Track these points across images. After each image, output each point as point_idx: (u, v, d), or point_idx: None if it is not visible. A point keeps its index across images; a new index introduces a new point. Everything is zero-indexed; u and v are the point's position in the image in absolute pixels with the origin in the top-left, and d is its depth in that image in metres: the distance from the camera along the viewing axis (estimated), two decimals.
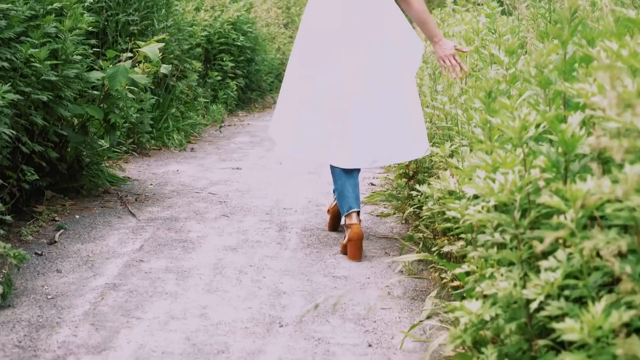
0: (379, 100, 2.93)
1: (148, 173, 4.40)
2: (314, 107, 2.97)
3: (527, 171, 1.53)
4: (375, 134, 2.93)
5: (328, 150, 2.96)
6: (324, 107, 2.95)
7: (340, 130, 2.93)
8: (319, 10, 3.00)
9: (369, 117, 2.93)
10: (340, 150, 2.93)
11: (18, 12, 2.85)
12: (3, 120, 2.52)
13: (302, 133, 3.00)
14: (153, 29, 5.20)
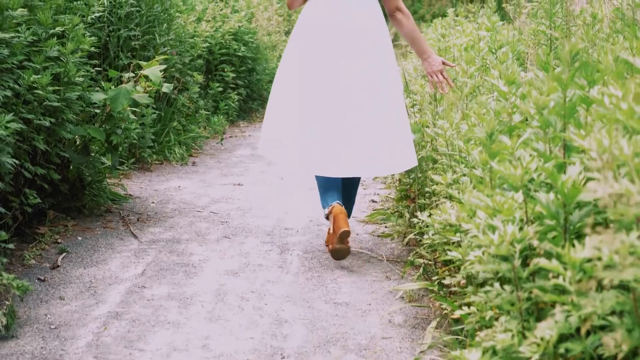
0: (367, 114, 3.05)
1: (150, 190, 4.41)
2: (302, 119, 3.08)
3: (527, 220, 1.55)
4: (362, 146, 3.04)
5: (314, 160, 3.07)
6: (312, 119, 3.06)
7: (327, 141, 3.04)
8: (310, 26, 3.11)
9: (357, 130, 3.05)
10: (325, 160, 3.05)
11: (20, 38, 2.86)
12: (6, 150, 2.53)
13: (290, 143, 3.11)
14: (154, 43, 5.21)
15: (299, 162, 3.12)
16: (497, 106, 2.52)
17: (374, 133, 3.06)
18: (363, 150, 3.06)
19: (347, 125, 3.05)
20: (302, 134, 3.08)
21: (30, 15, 3.19)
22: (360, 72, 3.07)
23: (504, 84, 2.58)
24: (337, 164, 3.05)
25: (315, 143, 3.06)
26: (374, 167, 3.13)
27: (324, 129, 3.05)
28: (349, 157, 3.05)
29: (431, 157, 3.22)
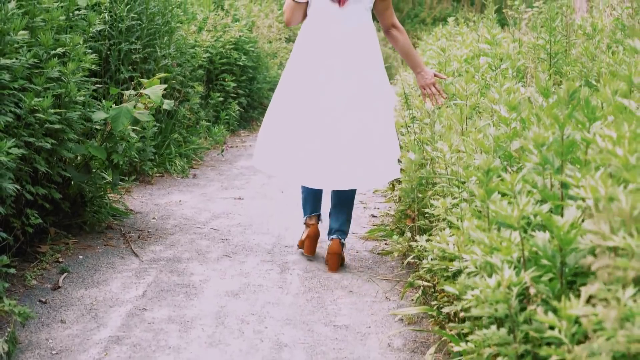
0: (357, 130, 3.22)
1: (151, 204, 4.42)
2: (293, 132, 3.25)
3: (524, 261, 1.56)
4: (350, 161, 3.21)
5: (304, 171, 3.25)
6: (303, 132, 3.23)
7: (316, 154, 3.21)
8: (307, 44, 3.28)
9: (346, 145, 3.21)
10: (314, 172, 3.22)
11: (22, 60, 2.88)
12: (7, 175, 2.55)
13: (282, 154, 3.29)
14: (155, 55, 5.23)
15: (287, 171, 3.31)
16: (497, 132, 2.53)
17: (362, 149, 3.23)
18: (351, 164, 3.22)
19: (336, 140, 3.21)
20: (293, 146, 3.25)
21: (32, 37, 3.20)
22: (352, 89, 3.23)
23: (504, 110, 2.60)
24: (324, 176, 3.23)
25: (304, 155, 3.23)
26: (359, 181, 3.30)
27: (314, 142, 3.21)
28: (337, 171, 3.22)
29: (431, 177, 3.24)
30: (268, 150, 3.35)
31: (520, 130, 2.61)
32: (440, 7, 19.02)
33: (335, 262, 3.33)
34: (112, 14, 4.84)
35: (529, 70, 4.47)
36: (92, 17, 3.79)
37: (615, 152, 1.45)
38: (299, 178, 3.29)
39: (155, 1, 5.29)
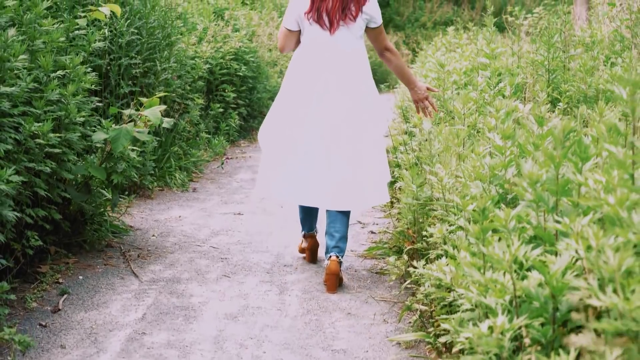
0: (348, 152, 3.39)
1: (150, 220, 4.44)
2: (291, 154, 3.42)
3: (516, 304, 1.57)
4: (343, 181, 3.38)
5: (299, 191, 3.42)
6: (299, 153, 3.40)
7: (311, 175, 3.39)
8: (301, 69, 3.46)
9: (338, 165, 3.38)
10: (307, 190, 3.40)
11: (22, 86, 2.89)
12: (7, 203, 2.57)
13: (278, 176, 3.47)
14: (155, 69, 5.25)
15: (282, 192, 3.49)
16: (493, 161, 2.55)
17: (354, 171, 3.40)
18: (344, 185, 3.38)
19: (329, 161, 3.39)
20: (287, 167, 3.43)
21: (31, 60, 3.22)
22: (344, 111, 3.40)
23: (499, 139, 2.61)
24: (319, 196, 3.40)
25: (298, 175, 3.41)
26: (351, 202, 3.44)
27: (307, 163, 3.40)
28: (330, 191, 3.38)
29: (429, 199, 3.25)
30: (268, 175, 3.54)
31: (516, 157, 2.63)
32: (441, 10, 19.04)
33: (333, 283, 3.37)
34: (112, 29, 4.86)
35: (528, 86, 4.49)
36: (91, 36, 3.82)
37: (607, 200, 1.46)
38: (294, 197, 3.47)
39: (155, 15, 5.31)
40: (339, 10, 3.37)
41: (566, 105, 4.00)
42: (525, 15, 12.58)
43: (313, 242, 3.76)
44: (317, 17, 3.39)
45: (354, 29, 3.41)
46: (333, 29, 3.39)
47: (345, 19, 3.38)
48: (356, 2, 3.40)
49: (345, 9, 3.38)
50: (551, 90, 4.33)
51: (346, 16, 3.38)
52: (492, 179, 2.53)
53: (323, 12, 3.39)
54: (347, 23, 3.39)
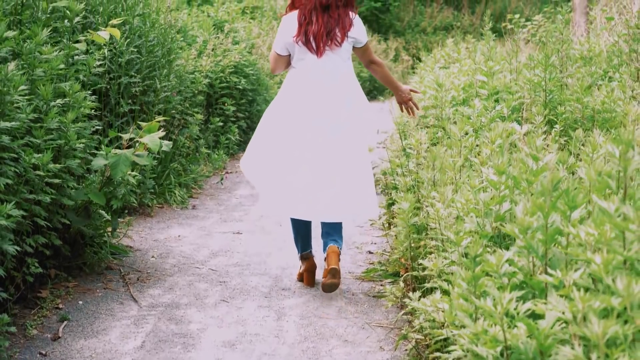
0: (338, 167, 3.59)
1: (150, 240, 4.47)
2: (280, 169, 3.60)
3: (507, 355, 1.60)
4: (332, 195, 3.57)
5: (291, 205, 3.61)
6: (289, 169, 3.59)
7: (301, 189, 3.57)
8: (292, 90, 3.65)
9: (328, 180, 3.58)
10: (300, 205, 3.59)
11: (22, 118, 2.93)
12: (7, 237, 2.60)
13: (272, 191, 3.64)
14: (155, 87, 5.28)
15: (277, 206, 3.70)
16: (487, 196, 2.58)
17: (342, 185, 3.59)
18: (334, 198, 3.58)
19: (320, 175, 3.58)
20: (280, 182, 3.61)
21: (31, 88, 3.26)
22: (334, 130, 3.60)
23: (493, 173, 2.64)
24: (310, 209, 3.59)
25: (290, 189, 3.58)
26: (341, 214, 3.67)
27: (299, 177, 3.57)
28: (321, 204, 3.57)
29: (424, 227, 3.28)
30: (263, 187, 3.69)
31: (511, 190, 2.66)
32: (441, 15, 19.03)
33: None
34: (111, 48, 4.90)
35: (525, 105, 4.51)
36: (91, 60, 3.85)
37: (594, 259, 1.49)
38: (287, 210, 3.68)
39: (154, 32, 5.34)
40: (324, 34, 3.56)
41: (562, 127, 4.03)
42: (524, 23, 12.60)
43: (310, 264, 3.78)
44: (304, 40, 3.58)
45: (340, 52, 3.61)
46: (320, 53, 3.58)
47: (331, 45, 3.58)
48: (341, 28, 3.59)
49: (331, 33, 3.57)
50: (548, 112, 4.35)
51: (332, 41, 3.57)
52: (487, 213, 2.56)
53: (310, 36, 3.57)
54: (332, 48, 3.58)
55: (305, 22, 3.58)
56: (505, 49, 10.58)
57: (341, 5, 3.60)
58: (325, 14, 3.56)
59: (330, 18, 3.56)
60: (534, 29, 12.38)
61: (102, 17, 4.87)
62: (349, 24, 3.60)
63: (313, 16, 3.55)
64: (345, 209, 3.64)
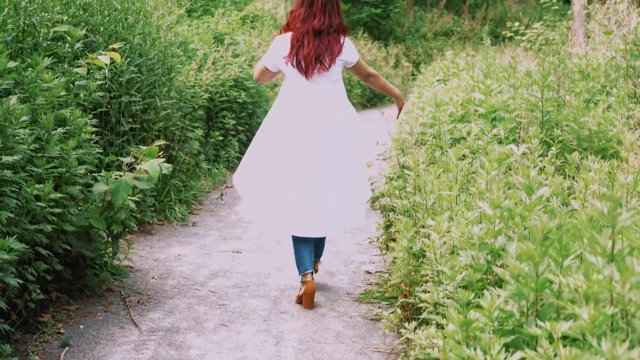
0: (330, 182, 3.81)
1: (150, 260, 4.52)
2: (275, 184, 3.80)
3: None
4: (325, 210, 3.81)
5: (287, 221, 3.80)
6: (284, 185, 3.79)
7: (296, 205, 3.77)
8: (284, 108, 3.86)
9: (321, 196, 3.79)
10: (296, 221, 3.77)
11: (23, 148, 2.97)
12: (9, 270, 2.64)
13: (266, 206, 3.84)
14: (155, 104, 5.32)
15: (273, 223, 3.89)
16: (481, 231, 2.62)
17: (331, 201, 3.82)
18: (323, 214, 3.81)
19: (309, 193, 3.78)
20: (275, 200, 3.81)
21: (33, 117, 3.30)
22: (323, 147, 3.81)
23: (488, 207, 2.68)
24: (303, 225, 3.78)
25: (286, 208, 3.79)
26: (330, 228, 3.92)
27: (288, 194, 3.78)
28: (313, 220, 3.79)
29: (421, 253, 3.32)
30: (254, 201, 3.91)
31: (506, 221, 2.70)
32: (442, 21, 19.09)
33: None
34: (112, 67, 4.94)
35: (523, 126, 4.55)
36: (92, 84, 3.89)
37: (582, 315, 1.53)
38: (281, 227, 3.87)
39: (155, 50, 5.38)
40: (313, 58, 3.78)
41: (559, 150, 4.06)
42: (523, 30, 12.64)
43: (309, 286, 3.80)
44: (295, 62, 3.79)
45: (329, 74, 3.83)
46: (309, 75, 3.80)
47: (319, 69, 3.80)
48: (330, 54, 3.81)
49: (320, 57, 3.79)
50: (545, 133, 4.39)
51: (320, 65, 3.79)
52: (481, 247, 2.60)
53: (300, 58, 3.78)
54: (320, 72, 3.81)
55: (297, 44, 3.80)
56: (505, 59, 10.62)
57: (332, 32, 3.83)
58: (316, 39, 3.79)
59: (320, 43, 3.78)
60: (533, 36, 12.43)
61: (102, 37, 4.91)
62: (338, 50, 3.83)
63: (305, 40, 3.78)
64: (333, 224, 3.89)
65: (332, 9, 3.83)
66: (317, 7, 3.79)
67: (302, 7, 3.82)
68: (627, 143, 3.42)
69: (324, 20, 3.79)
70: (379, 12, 16.57)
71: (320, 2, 3.80)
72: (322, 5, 3.80)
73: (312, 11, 3.80)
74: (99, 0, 5.00)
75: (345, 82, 12.03)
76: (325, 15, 3.80)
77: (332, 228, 3.95)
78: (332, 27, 3.81)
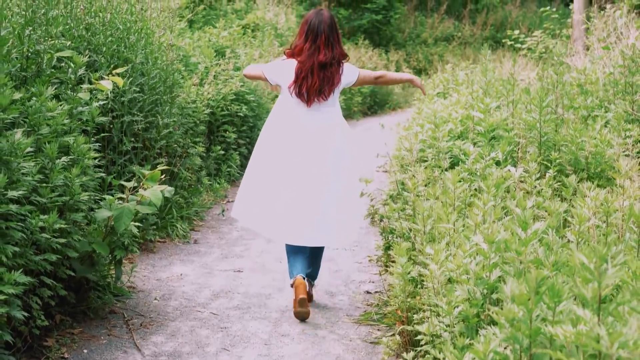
0: (325, 196, 4.00)
1: (153, 280, 4.57)
2: (274, 195, 4.01)
3: None
4: (318, 221, 4.00)
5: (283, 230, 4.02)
6: (282, 196, 4.00)
7: (292, 215, 3.98)
8: (281, 123, 4.07)
9: (315, 208, 3.98)
10: (291, 230, 3.99)
11: (28, 180, 3.02)
12: (16, 303, 2.69)
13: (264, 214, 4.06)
14: (157, 123, 5.38)
15: (271, 231, 4.10)
16: (477, 267, 2.67)
17: (328, 214, 4.01)
18: (319, 225, 4.00)
19: (307, 204, 3.98)
20: (271, 207, 4.02)
21: (37, 147, 3.35)
22: (322, 170, 4.00)
23: (483, 241, 2.73)
24: (298, 234, 3.98)
25: (283, 218, 3.99)
26: (325, 240, 4.10)
27: (290, 208, 3.98)
28: (307, 230, 3.98)
29: (420, 278, 3.37)
30: (249, 207, 4.12)
31: (502, 256, 2.75)
32: (442, 26, 19.13)
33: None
34: (114, 88, 4.99)
35: (521, 146, 4.60)
36: (94, 110, 3.94)
37: None
38: (276, 235, 4.10)
39: (156, 68, 5.43)
40: (317, 90, 3.98)
41: (556, 173, 4.11)
42: (524, 38, 12.68)
43: (301, 280, 3.95)
44: (297, 92, 4.00)
45: (328, 100, 4.04)
46: (310, 103, 4.01)
47: (319, 100, 4.01)
48: (329, 86, 4.01)
49: (322, 89, 3.99)
50: (543, 153, 4.44)
51: (320, 96, 4.00)
52: (477, 282, 2.65)
53: (304, 89, 3.98)
54: (320, 102, 4.02)
55: (302, 76, 3.98)
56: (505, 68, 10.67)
57: (335, 63, 4.02)
58: (321, 72, 3.96)
59: (324, 76, 3.97)
60: (533, 44, 12.47)
61: (105, 57, 4.96)
62: (338, 80, 4.03)
63: (310, 73, 3.96)
64: (325, 237, 4.05)
65: (334, 41, 3.99)
66: (320, 40, 3.95)
67: (306, 42, 3.97)
68: (623, 170, 3.46)
69: (328, 54, 3.96)
70: (380, 19, 16.62)
71: (324, 36, 3.95)
72: (325, 39, 3.95)
73: (316, 45, 3.95)
74: (101, 20, 5.06)
75: (345, 90, 12.08)
76: (328, 48, 3.96)
77: (323, 240, 4.08)
78: (334, 58, 3.99)
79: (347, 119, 11.91)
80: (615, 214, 3.19)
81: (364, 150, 7.09)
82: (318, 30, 3.96)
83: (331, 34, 3.97)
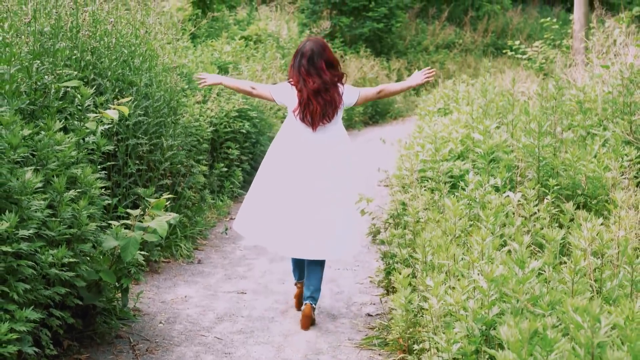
0: (326, 209, 4.22)
1: (157, 302, 4.65)
2: (276, 209, 4.25)
3: None
4: (319, 235, 4.21)
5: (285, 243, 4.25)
6: (284, 210, 4.23)
7: (294, 229, 4.21)
8: (286, 143, 4.32)
9: (316, 222, 4.21)
10: (292, 244, 4.23)
11: (37, 216, 3.10)
12: (27, 339, 2.78)
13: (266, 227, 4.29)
14: (161, 144, 5.46)
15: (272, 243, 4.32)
16: (475, 304, 2.75)
17: (328, 228, 4.22)
18: (319, 239, 4.21)
19: (308, 221, 4.20)
20: (275, 223, 4.25)
21: (45, 180, 3.43)
22: (323, 179, 4.23)
23: (484, 280, 2.81)
24: (298, 247, 4.22)
25: (284, 231, 4.22)
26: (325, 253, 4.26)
27: (292, 221, 4.21)
28: (307, 243, 4.20)
29: (420, 309, 3.44)
30: (251, 220, 4.35)
31: (500, 292, 2.83)
32: (443, 33, 19.20)
33: (307, 323, 4.27)
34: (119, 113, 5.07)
35: (520, 170, 4.67)
36: (101, 141, 4.02)
37: None
38: (277, 247, 4.30)
39: (160, 91, 5.51)
40: (320, 115, 4.24)
41: (554, 199, 4.18)
42: (524, 49, 12.75)
43: (302, 291, 4.49)
44: (302, 117, 4.25)
45: (332, 120, 4.27)
46: (315, 127, 4.26)
47: (323, 122, 4.26)
48: (333, 109, 4.27)
49: (325, 113, 4.24)
50: (541, 178, 4.51)
51: (324, 119, 4.25)
52: (476, 320, 2.72)
53: (307, 115, 4.23)
54: (324, 124, 4.27)
55: (304, 103, 4.24)
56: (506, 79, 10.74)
57: (331, 86, 4.24)
58: (319, 96, 4.20)
59: (324, 100, 4.21)
60: (534, 55, 12.55)
61: (110, 80, 5.05)
62: (339, 101, 4.28)
63: (309, 100, 4.20)
64: (325, 249, 4.23)
65: (320, 69, 4.20)
66: (302, 74, 4.21)
67: (295, 74, 4.26)
68: (620, 202, 3.53)
69: (317, 81, 4.20)
70: (381, 27, 16.70)
71: (304, 69, 4.20)
72: (306, 71, 4.20)
73: (301, 77, 4.21)
74: (106, 45, 5.14)
75: None
76: (314, 77, 4.20)
77: (323, 253, 4.25)
78: (326, 84, 4.22)
79: (348, 130, 12.00)
80: (611, 244, 3.26)
81: (365, 164, 7.17)
82: (300, 64, 4.22)
83: (317, 62, 4.19)
